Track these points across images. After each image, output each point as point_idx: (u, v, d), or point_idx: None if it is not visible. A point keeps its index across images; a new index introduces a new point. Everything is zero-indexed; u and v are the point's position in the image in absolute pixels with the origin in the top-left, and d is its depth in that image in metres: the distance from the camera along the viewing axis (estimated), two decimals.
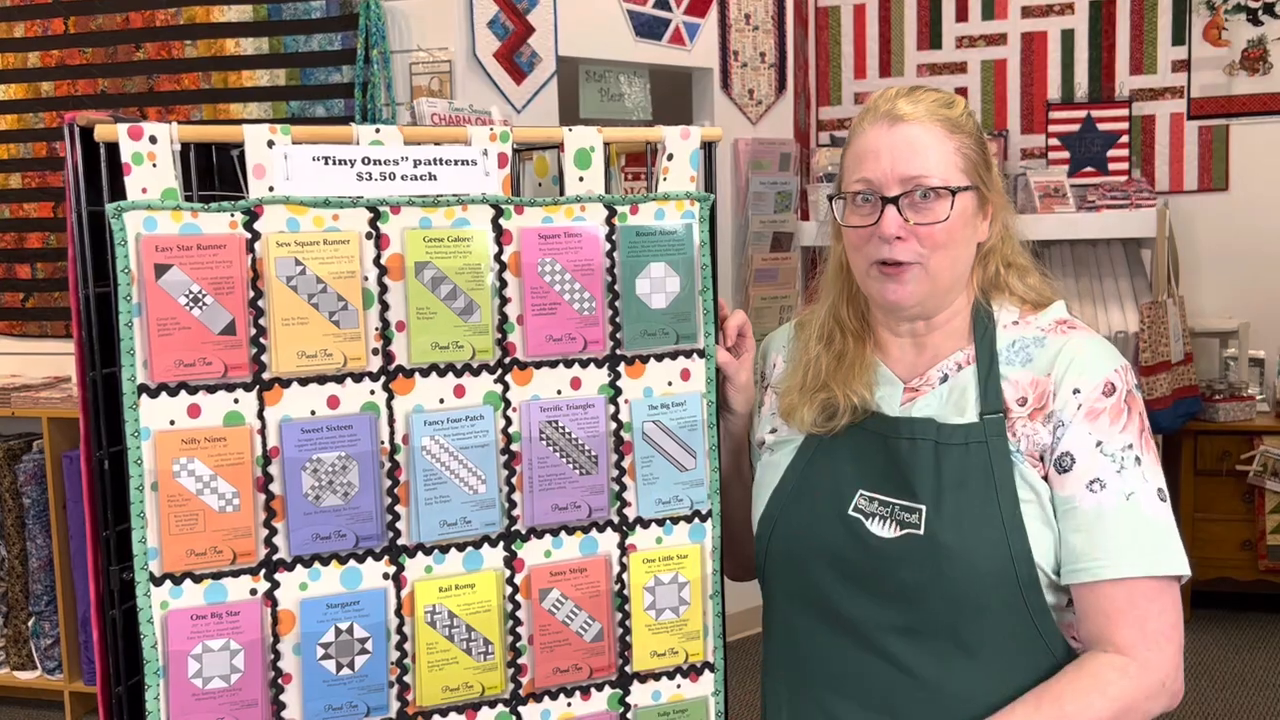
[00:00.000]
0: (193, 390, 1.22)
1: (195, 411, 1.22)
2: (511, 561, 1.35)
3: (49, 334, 4.08)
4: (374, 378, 1.29)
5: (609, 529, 1.39)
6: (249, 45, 3.67)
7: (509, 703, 1.36)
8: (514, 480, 1.35)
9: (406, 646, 1.31)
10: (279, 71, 3.66)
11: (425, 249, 1.29)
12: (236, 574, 1.25)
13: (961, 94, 3.23)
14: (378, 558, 1.30)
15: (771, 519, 1.40)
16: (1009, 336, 1.35)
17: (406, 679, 1.31)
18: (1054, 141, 4.72)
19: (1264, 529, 4.17)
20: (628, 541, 1.40)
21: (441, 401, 1.31)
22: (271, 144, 1.25)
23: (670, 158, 1.41)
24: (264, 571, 1.26)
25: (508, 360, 1.34)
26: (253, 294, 1.24)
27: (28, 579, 3.78)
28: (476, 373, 1.33)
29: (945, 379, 1.35)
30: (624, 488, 1.39)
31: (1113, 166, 4.64)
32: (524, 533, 1.35)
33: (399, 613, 1.31)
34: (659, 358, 1.40)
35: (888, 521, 1.30)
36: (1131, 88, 4.65)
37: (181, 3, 3.69)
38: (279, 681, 1.27)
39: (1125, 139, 4.64)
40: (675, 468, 1.40)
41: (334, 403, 1.27)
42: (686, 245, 1.40)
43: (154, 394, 1.21)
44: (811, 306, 1.48)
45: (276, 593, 1.26)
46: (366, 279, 1.28)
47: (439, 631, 1.32)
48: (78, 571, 3.64)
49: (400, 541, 1.31)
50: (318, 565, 1.27)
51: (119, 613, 1.26)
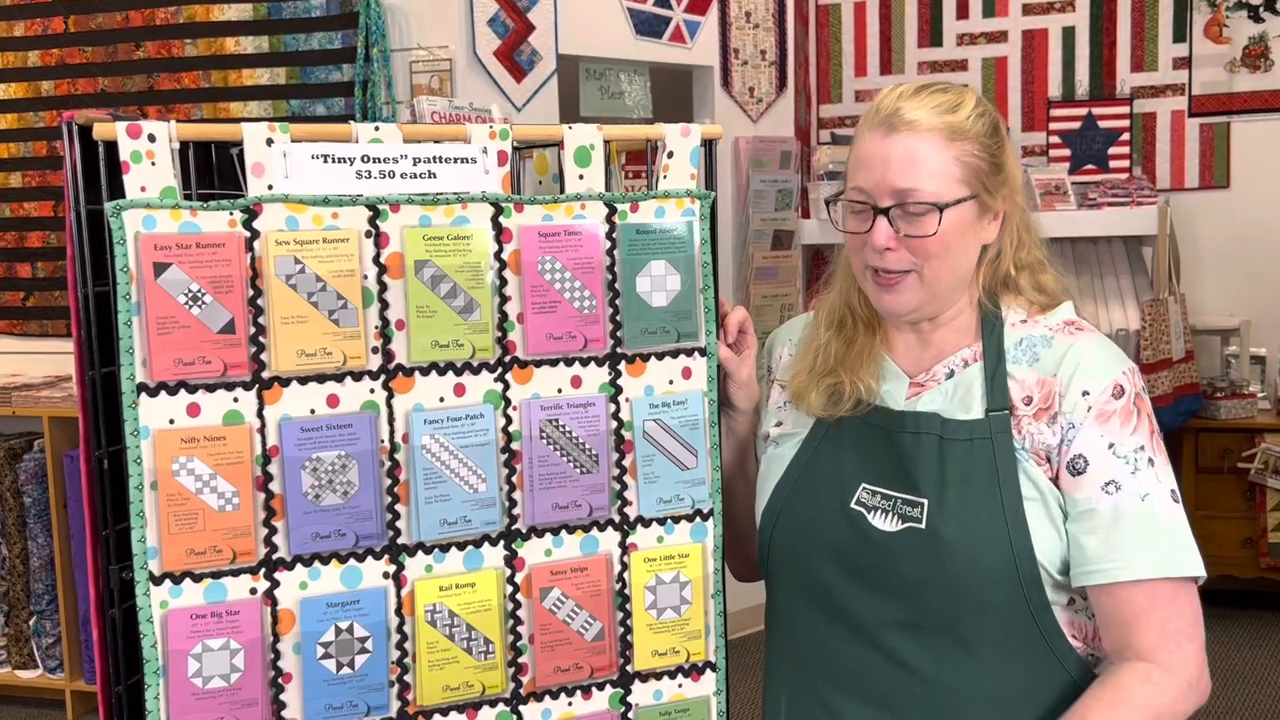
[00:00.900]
0: (192, 389, 1.22)
1: (195, 410, 1.22)
2: (512, 560, 1.35)
3: (49, 333, 4.08)
4: (374, 376, 1.28)
5: (610, 528, 1.38)
6: (249, 44, 3.67)
7: (510, 702, 1.36)
8: (514, 479, 1.34)
9: (407, 646, 1.31)
10: (279, 70, 3.66)
11: (425, 247, 1.29)
12: (236, 573, 1.24)
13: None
14: (378, 557, 1.29)
15: (774, 512, 1.40)
16: (1016, 335, 1.35)
17: (407, 678, 1.31)
18: (1055, 139, 4.71)
19: (1265, 527, 4.17)
20: (629, 540, 1.39)
21: (441, 400, 1.31)
22: (270, 142, 1.25)
23: (671, 155, 1.40)
24: (264, 571, 1.25)
25: (508, 359, 1.33)
26: (252, 292, 1.23)
27: (29, 578, 3.78)
28: (476, 371, 1.32)
29: (951, 375, 1.35)
30: (625, 487, 1.38)
31: (1114, 164, 4.64)
32: (524, 532, 1.35)
33: (399, 612, 1.31)
34: (660, 356, 1.39)
35: (889, 515, 1.30)
36: (1132, 85, 4.65)
37: (181, 1, 3.69)
38: (279, 681, 1.26)
39: (1126, 136, 4.63)
40: (676, 466, 1.40)
41: (334, 401, 1.27)
42: (687, 243, 1.40)
43: (153, 393, 1.21)
44: (827, 293, 1.47)
45: (276, 592, 1.26)
46: (366, 277, 1.27)
47: (439, 631, 1.31)
48: (78, 570, 3.64)
49: (400, 540, 1.30)
50: (318, 564, 1.27)
51: (119, 612, 1.26)
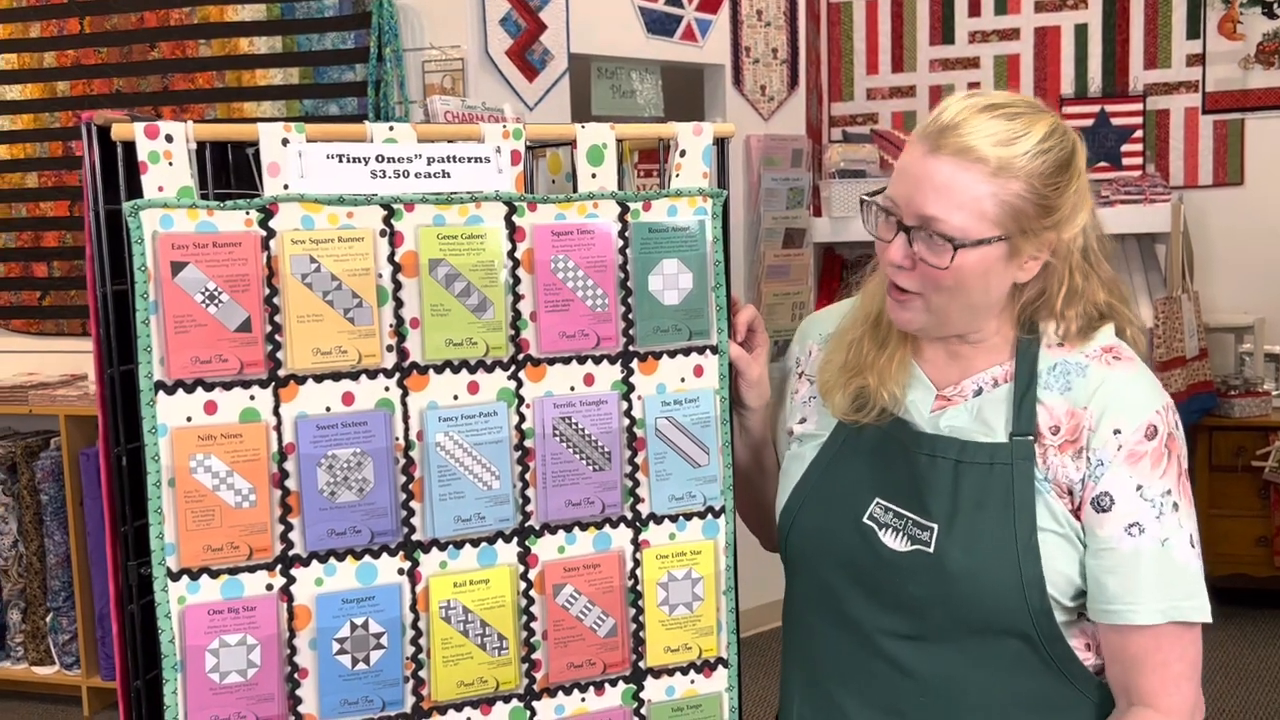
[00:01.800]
0: (209, 387, 1.23)
1: (212, 408, 1.23)
2: (525, 557, 1.36)
3: (65, 332, 4.10)
4: (388, 374, 1.29)
5: (622, 525, 1.39)
6: (262, 44, 3.69)
7: (523, 698, 1.37)
8: (528, 476, 1.35)
9: (421, 641, 1.32)
10: (292, 70, 3.68)
11: (439, 246, 1.30)
12: (253, 569, 1.25)
13: (973, 89, 3.27)
14: (393, 553, 1.30)
15: (791, 514, 1.40)
16: (1051, 359, 1.30)
17: (421, 674, 1.32)
18: None
19: (1279, 525, 4.15)
20: (641, 537, 1.40)
21: (455, 398, 1.32)
22: (286, 142, 1.26)
23: (683, 154, 1.41)
24: (280, 567, 1.26)
25: (521, 357, 1.34)
26: (268, 291, 1.25)
27: (45, 575, 3.81)
28: (490, 369, 1.33)
29: (979, 392, 1.31)
30: (637, 484, 1.39)
31: (1127, 161, 4.62)
32: (538, 528, 1.36)
33: (414, 608, 1.32)
34: (672, 354, 1.40)
35: (900, 534, 1.29)
36: (1146, 82, 4.63)
37: (195, 2, 3.71)
38: (295, 676, 1.27)
39: (1139, 133, 4.62)
40: (689, 464, 1.41)
41: (349, 399, 1.28)
42: (699, 241, 1.40)
43: (171, 391, 1.22)
44: (874, 277, 1.40)
45: (292, 588, 1.27)
46: (381, 276, 1.28)
47: (453, 627, 1.32)
48: (95, 567, 3.66)
49: (415, 537, 1.31)
50: (333, 561, 1.28)
51: (137, 608, 1.27)
